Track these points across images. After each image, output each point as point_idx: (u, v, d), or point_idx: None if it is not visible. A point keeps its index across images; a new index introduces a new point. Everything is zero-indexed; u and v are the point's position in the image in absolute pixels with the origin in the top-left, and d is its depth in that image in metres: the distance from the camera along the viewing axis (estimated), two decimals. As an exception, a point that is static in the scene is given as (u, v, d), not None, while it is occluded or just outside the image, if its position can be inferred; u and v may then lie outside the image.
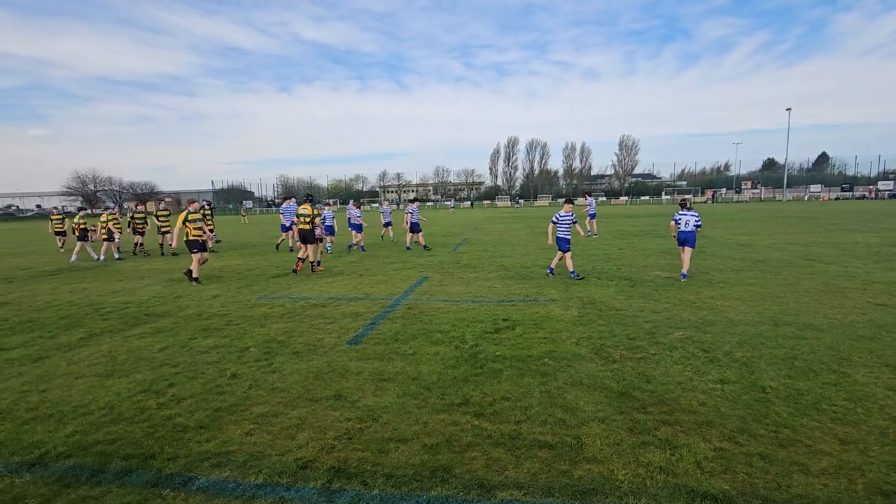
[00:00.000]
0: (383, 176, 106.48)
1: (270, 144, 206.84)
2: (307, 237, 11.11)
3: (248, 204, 77.28)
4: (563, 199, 10.48)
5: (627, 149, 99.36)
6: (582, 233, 10.62)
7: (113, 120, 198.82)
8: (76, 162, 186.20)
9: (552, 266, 10.06)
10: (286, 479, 2.98)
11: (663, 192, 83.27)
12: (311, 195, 12.12)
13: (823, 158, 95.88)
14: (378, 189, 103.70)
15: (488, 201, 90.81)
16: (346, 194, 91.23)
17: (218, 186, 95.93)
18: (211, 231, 15.89)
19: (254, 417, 3.81)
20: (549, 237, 10.13)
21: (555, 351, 5.19)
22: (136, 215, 17.43)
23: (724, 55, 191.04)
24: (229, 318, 7.03)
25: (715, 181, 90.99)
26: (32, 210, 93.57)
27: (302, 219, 11.17)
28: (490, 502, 2.70)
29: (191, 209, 10.48)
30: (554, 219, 9.70)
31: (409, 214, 15.32)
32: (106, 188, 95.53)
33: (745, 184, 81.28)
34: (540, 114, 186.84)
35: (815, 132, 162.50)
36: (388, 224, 18.18)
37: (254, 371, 4.83)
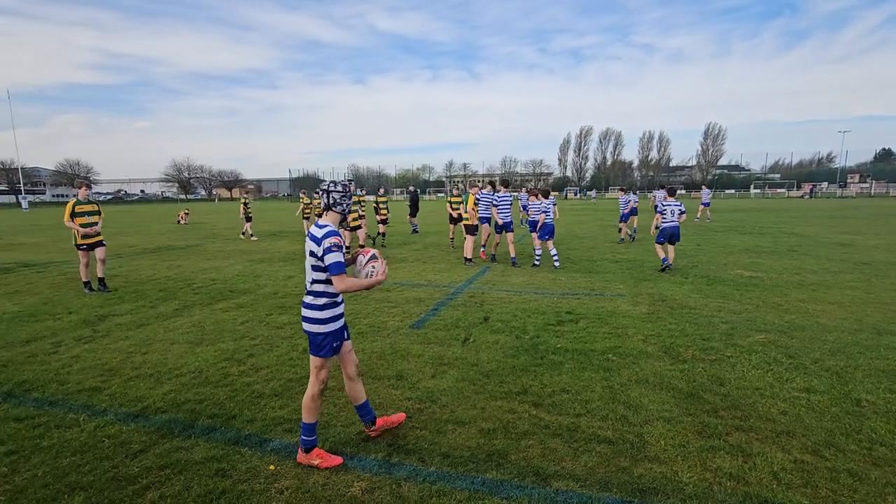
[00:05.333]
0: (450, 166, 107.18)
1: (343, 135, 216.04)
2: None
3: (360, 190, 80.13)
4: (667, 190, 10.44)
5: (713, 138, 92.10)
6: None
7: (205, 113, 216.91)
8: (174, 151, 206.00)
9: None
10: (350, 448, 3.16)
11: (752, 186, 76.42)
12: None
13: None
14: (444, 179, 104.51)
15: (556, 193, 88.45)
16: (413, 183, 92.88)
17: (294, 175, 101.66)
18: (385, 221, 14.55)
19: (322, 390, 4.05)
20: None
21: (619, 347, 5.01)
22: (378, 200, 15.15)
23: (839, 31, 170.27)
24: (301, 298, 7.48)
25: (814, 174, 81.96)
26: (137, 195, 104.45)
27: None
28: (545, 490, 2.70)
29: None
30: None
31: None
32: (197, 175, 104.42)
33: (852, 177, 72.47)
34: (617, 102, 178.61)
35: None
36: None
37: (323, 347, 5.13)
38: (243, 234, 17.62)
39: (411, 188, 19.58)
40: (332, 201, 2.99)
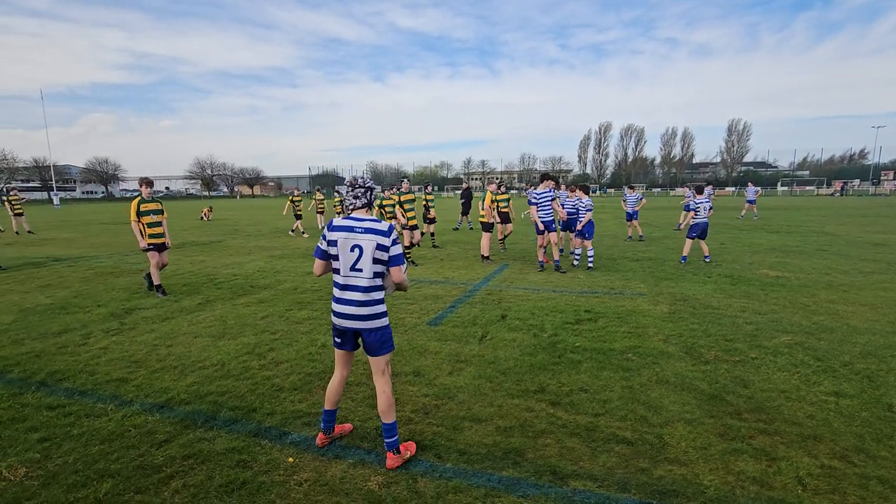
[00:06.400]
0: (468, 163, 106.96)
1: (362, 132, 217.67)
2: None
3: (378, 188, 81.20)
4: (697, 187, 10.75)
5: (737, 134, 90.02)
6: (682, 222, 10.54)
7: (227, 111, 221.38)
8: (197, 149, 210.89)
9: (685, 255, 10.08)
10: (367, 443, 3.19)
11: (779, 183, 74.21)
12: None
13: None
14: (462, 176, 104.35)
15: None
16: (431, 181, 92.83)
17: (314, 172, 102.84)
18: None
19: (340, 385, 4.10)
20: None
21: (640, 346, 4.94)
22: (427, 196, 14.36)
23: (873, 23, 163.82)
24: (320, 294, 7.57)
25: (845, 171, 79.18)
26: (162, 192, 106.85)
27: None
28: (562, 489, 2.68)
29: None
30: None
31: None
32: (220, 173, 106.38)
33: (886, 174, 69.67)
34: (639, 97, 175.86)
35: None
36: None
37: (341, 343, 5.18)
38: (292, 230, 17.38)
39: (465, 185, 19.28)
40: (373, 197, 3.02)
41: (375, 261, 2.84)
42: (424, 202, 14.14)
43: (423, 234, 14.07)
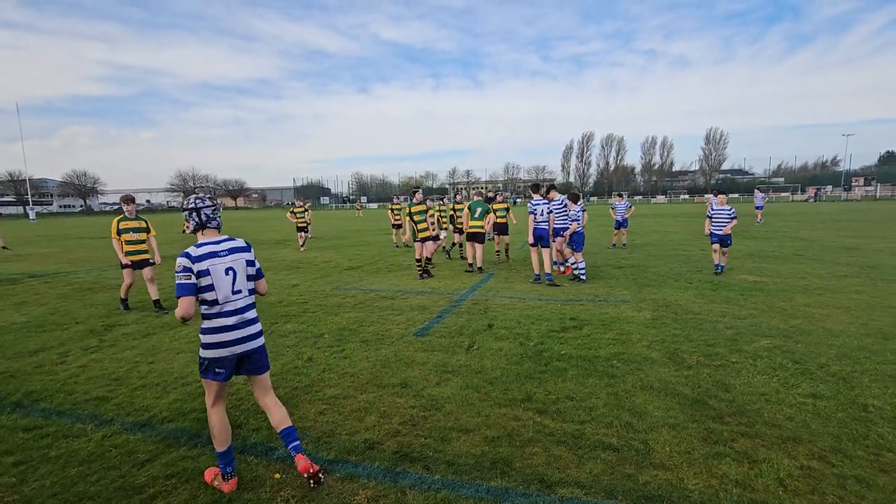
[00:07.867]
0: (453, 173, 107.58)
1: (347, 143, 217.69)
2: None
3: (364, 199, 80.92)
4: (717, 192, 10.57)
5: (715, 142, 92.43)
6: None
7: (210, 123, 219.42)
8: (179, 161, 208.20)
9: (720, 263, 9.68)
10: (355, 456, 3.17)
11: (755, 190, 76.20)
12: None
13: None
14: (448, 186, 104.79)
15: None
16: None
17: (298, 184, 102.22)
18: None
19: (326, 398, 4.07)
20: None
21: (624, 353, 5.00)
22: (455, 206, 14.16)
23: (843, 35, 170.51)
24: (306, 307, 7.52)
25: (818, 177, 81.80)
26: (143, 205, 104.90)
27: None
28: (550, 498, 2.69)
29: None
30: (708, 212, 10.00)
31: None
32: (202, 185, 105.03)
33: (857, 180, 72.22)
34: (619, 107, 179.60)
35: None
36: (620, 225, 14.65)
37: (327, 356, 5.15)
38: (302, 246, 15.98)
39: (490, 194, 18.59)
40: (205, 218, 2.87)
41: (248, 277, 2.91)
42: (452, 211, 13.89)
43: (454, 244, 14.07)
